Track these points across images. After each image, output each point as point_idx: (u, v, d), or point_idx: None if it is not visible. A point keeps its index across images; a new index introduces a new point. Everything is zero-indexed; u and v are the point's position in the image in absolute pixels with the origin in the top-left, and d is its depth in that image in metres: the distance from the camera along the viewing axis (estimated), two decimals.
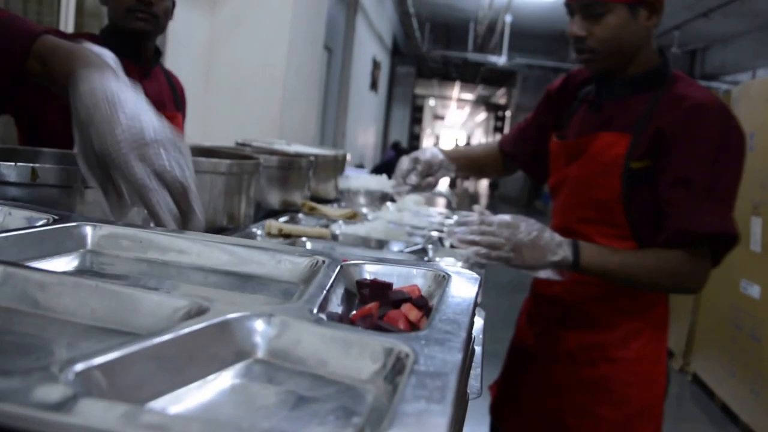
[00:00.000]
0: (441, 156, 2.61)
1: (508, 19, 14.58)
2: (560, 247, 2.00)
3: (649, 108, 2.09)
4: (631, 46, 2.11)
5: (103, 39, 2.50)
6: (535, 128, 2.61)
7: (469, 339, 0.74)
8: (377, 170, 11.17)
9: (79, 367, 0.55)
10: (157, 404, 0.60)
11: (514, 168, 2.82)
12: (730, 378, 5.47)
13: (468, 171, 2.84)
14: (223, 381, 0.67)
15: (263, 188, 2.44)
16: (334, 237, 2.21)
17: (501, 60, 17.04)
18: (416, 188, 2.61)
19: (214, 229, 1.93)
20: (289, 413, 0.61)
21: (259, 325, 0.73)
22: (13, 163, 1.33)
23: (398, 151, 15.94)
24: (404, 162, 2.62)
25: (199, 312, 0.73)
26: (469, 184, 27.76)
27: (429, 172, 2.60)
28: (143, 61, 2.57)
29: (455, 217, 3.10)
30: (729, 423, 5.35)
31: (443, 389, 0.56)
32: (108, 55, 1.40)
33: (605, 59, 2.13)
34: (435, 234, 2.47)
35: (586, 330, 2.22)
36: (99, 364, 0.57)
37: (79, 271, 1.04)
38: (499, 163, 2.80)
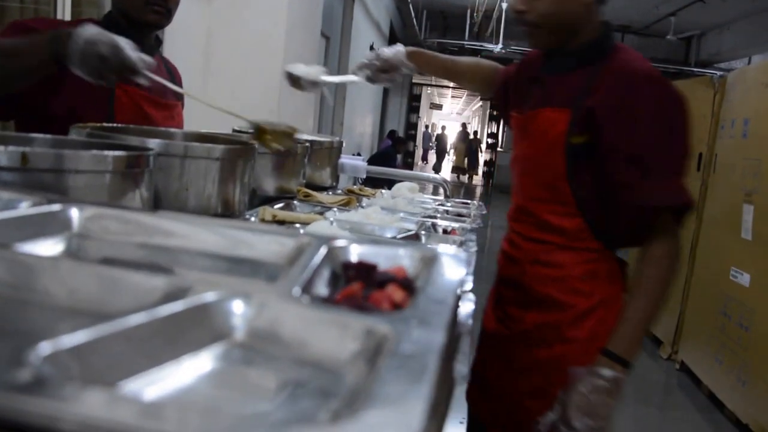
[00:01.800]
0: (401, 55, 2.67)
1: (504, 5, 14.52)
2: (605, 379, 1.94)
3: (587, 82, 2.08)
4: (570, 21, 2.10)
5: (105, 26, 2.49)
6: (512, 86, 2.55)
7: (455, 320, 0.72)
8: (374, 160, 11.14)
9: (49, 348, 0.54)
10: (128, 386, 0.58)
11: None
12: (718, 366, 5.44)
13: (442, 75, 2.93)
14: (200, 363, 0.65)
15: (258, 175, 2.42)
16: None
17: (497, 48, 16.97)
18: (370, 79, 2.73)
19: (209, 215, 1.92)
20: (265, 396, 0.60)
21: (237, 306, 0.71)
22: (3, 148, 1.31)
23: (394, 140, 15.88)
24: (367, 55, 2.73)
25: (178, 293, 0.71)
26: (463, 177, 27.95)
27: (387, 67, 2.68)
28: (145, 50, 2.56)
29: (449, 205, 3.08)
30: (715, 411, 5.33)
31: (423, 370, 0.54)
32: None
33: (546, 34, 2.13)
34: (428, 220, 2.45)
35: (543, 310, 2.20)
36: (68, 347, 0.55)
37: (63, 255, 1.02)
38: (490, 81, 2.75)
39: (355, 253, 0.95)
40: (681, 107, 2.04)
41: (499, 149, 25.54)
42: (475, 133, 32.58)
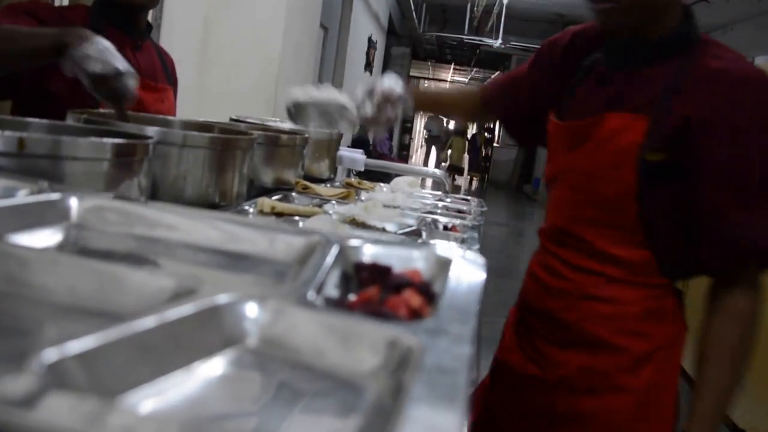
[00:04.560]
0: (399, 89, 2.22)
1: (505, 0, 14.51)
2: None
3: (672, 83, 1.67)
4: (658, 1, 1.71)
5: (96, 11, 2.45)
6: (527, 87, 2.12)
7: (479, 329, 0.69)
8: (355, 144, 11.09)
9: (53, 355, 0.50)
10: (135, 395, 0.54)
11: (491, 119, 2.64)
12: None
13: (432, 111, 2.74)
14: (210, 371, 0.61)
15: (256, 165, 2.38)
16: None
17: (496, 43, 16.94)
18: (371, 121, 2.27)
19: (206, 205, 1.88)
20: (281, 409, 0.56)
21: (250, 309, 0.67)
22: None
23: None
24: (359, 91, 2.27)
25: (187, 294, 0.67)
26: (459, 178, 26.57)
27: (386, 104, 2.22)
28: (135, 34, 2.53)
29: (448, 200, 3.06)
30: None
31: (454, 387, 0.51)
32: None
33: (627, 11, 1.69)
34: (428, 216, 2.42)
35: (590, 353, 1.81)
36: (74, 353, 0.51)
37: (61, 246, 0.99)
38: (474, 109, 2.45)
39: (368, 253, 0.91)
40: None
41: (495, 144, 25.47)
42: (487, 127, 25.72)
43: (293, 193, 2.49)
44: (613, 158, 1.72)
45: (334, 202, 2.44)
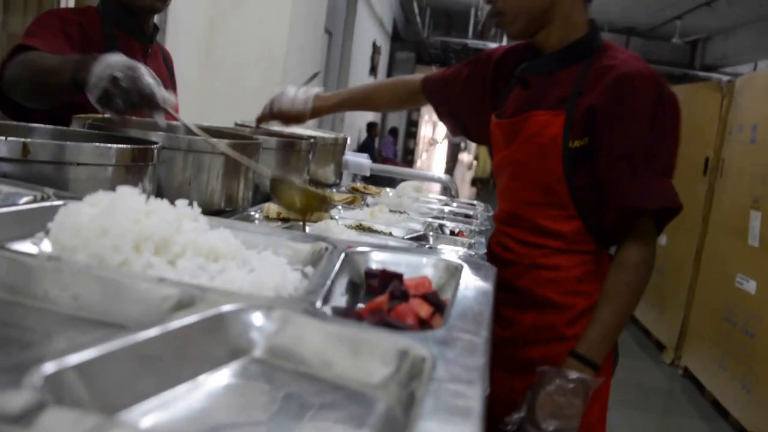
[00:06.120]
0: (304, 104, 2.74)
1: None
2: (571, 381, 1.94)
3: (578, 81, 2.02)
4: (539, 8, 2.03)
5: (103, 13, 2.43)
6: (461, 86, 2.45)
7: (491, 338, 0.67)
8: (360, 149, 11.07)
9: (52, 368, 0.48)
10: (139, 409, 0.53)
11: (423, 105, 2.82)
12: (722, 373, 5.36)
13: (342, 109, 2.97)
14: (215, 382, 0.59)
15: None
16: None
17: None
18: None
19: (212, 211, 1.87)
20: (288, 421, 0.54)
21: (256, 319, 0.65)
22: (3, 138, 1.27)
23: (368, 126, 15.73)
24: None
25: (191, 302, 0.65)
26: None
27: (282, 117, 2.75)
28: (145, 39, 2.50)
29: (454, 205, 3.05)
30: (719, 418, 5.25)
31: (469, 399, 0.49)
32: None
33: (513, 22, 2.06)
34: (435, 221, 2.41)
35: (541, 312, 2.11)
36: (74, 365, 0.49)
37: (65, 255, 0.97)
38: (412, 96, 2.70)
39: (376, 260, 0.89)
40: (675, 108, 2.02)
41: None
42: None
43: None
44: (541, 150, 2.04)
45: (340, 206, 2.43)
